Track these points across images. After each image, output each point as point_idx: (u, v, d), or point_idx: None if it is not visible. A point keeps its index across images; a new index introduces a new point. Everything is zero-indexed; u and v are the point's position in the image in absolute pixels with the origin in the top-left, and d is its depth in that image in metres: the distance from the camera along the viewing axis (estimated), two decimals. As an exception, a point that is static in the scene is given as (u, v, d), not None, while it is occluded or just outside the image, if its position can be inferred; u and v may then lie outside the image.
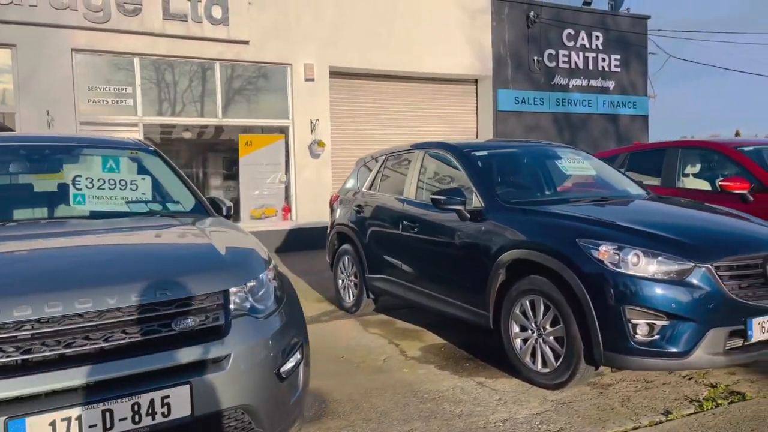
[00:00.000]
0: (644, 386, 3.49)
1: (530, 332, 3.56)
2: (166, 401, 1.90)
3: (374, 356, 4.25)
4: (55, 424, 1.79)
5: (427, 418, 3.14)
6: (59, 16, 8.34)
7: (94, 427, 1.83)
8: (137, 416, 1.87)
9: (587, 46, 12.60)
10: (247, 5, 9.50)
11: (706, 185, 5.78)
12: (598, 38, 12.69)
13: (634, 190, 4.56)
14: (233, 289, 2.21)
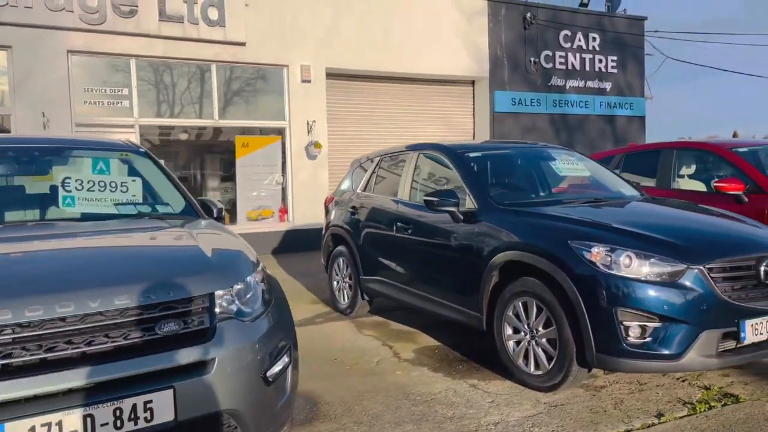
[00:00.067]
0: (637, 388, 3.47)
1: (523, 334, 3.54)
2: (148, 406, 1.88)
3: (368, 358, 4.23)
4: (35, 429, 1.77)
5: (418, 420, 3.12)
6: (55, 17, 8.33)
7: None
8: (119, 421, 1.84)
9: (584, 47, 12.59)
10: (243, 7, 9.48)
11: (701, 186, 5.76)
12: (594, 39, 12.68)
13: (628, 191, 4.54)
14: (219, 292, 2.19)
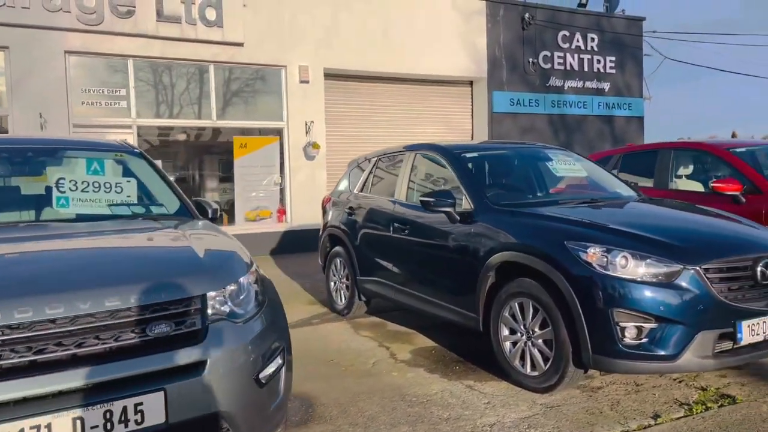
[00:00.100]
0: (634, 389, 3.46)
1: (519, 335, 3.53)
2: (139, 408, 1.87)
3: (364, 359, 4.22)
4: (24, 432, 1.76)
5: (414, 422, 3.11)
6: (52, 18, 8.32)
7: None
8: (109, 424, 1.83)
9: (582, 47, 12.59)
10: (241, 7, 9.48)
11: (698, 186, 5.76)
12: (593, 40, 12.68)
13: (625, 191, 4.53)
14: (212, 293, 2.17)
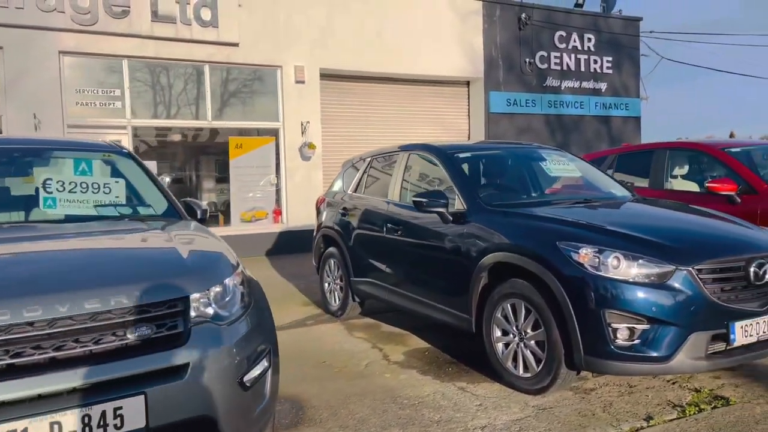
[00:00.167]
0: (627, 391, 3.43)
1: (512, 336, 3.50)
2: (118, 413, 1.83)
3: (356, 361, 4.19)
4: (-1, 437, 1.73)
5: (404, 425, 3.08)
6: (46, 18, 8.29)
7: None
8: (87, 428, 1.79)
9: (579, 48, 12.57)
10: (236, 7, 9.45)
11: (694, 187, 5.73)
12: (590, 40, 12.66)
13: (619, 192, 4.50)
14: (195, 295, 2.14)
